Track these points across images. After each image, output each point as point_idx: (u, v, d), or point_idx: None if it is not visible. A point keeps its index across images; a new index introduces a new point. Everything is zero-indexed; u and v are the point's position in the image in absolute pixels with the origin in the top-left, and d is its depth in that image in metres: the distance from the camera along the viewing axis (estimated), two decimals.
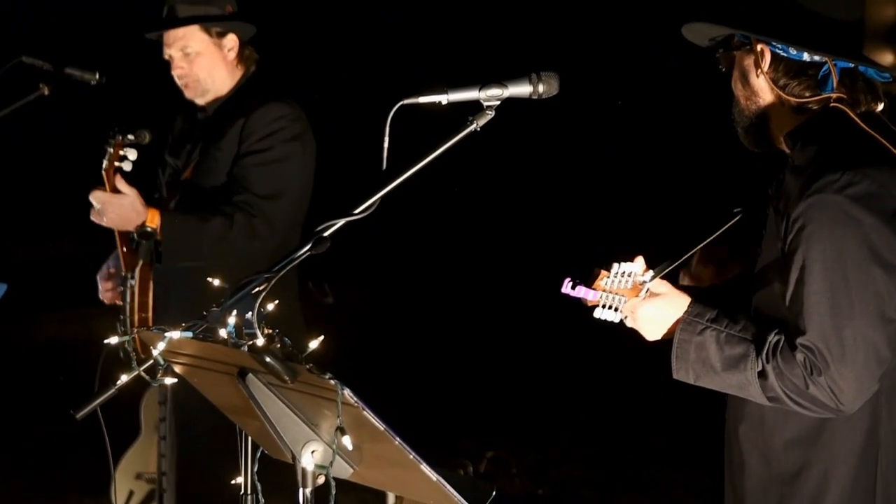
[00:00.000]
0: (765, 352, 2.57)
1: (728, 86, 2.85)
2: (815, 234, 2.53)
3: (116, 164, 4.12)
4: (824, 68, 2.68)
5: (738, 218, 2.89)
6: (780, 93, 2.71)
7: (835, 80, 2.67)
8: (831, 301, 2.51)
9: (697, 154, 10.02)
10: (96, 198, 4.11)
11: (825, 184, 2.54)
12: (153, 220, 4.09)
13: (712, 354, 2.63)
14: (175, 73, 4.30)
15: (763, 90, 2.73)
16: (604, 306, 2.73)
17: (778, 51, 2.69)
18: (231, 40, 4.30)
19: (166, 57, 4.32)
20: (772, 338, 2.58)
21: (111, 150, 4.12)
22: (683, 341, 2.66)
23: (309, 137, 4.35)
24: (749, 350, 2.59)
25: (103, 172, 4.14)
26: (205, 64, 4.27)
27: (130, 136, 4.14)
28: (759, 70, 2.71)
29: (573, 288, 2.74)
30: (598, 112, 10.45)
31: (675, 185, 10.19)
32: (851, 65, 2.69)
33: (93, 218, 4.16)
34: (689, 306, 2.69)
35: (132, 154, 4.14)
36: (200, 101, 4.36)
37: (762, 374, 2.57)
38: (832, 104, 2.68)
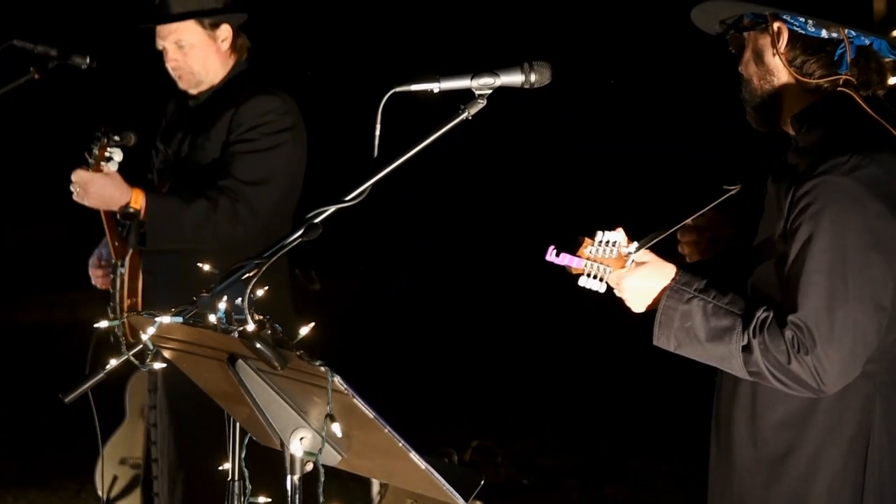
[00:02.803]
0: (752, 326, 2.58)
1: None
2: (819, 214, 2.55)
3: (102, 164, 4.10)
4: (841, 46, 2.69)
5: (727, 196, 2.89)
6: (796, 73, 2.72)
7: (849, 58, 2.68)
8: (827, 282, 2.53)
9: (691, 135, 10.04)
10: (79, 176, 4.09)
11: (833, 165, 2.55)
12: (137, 200, 4.08)
13: (697, 324, 2.63)
14: (169, 65, 4.29)
15: (778, 69, 2.74)
16: (588, 275, 2.71)
17: (795, 28, 2.70)
18: (225, 31, 4.29)
19: (159, 48, 4.30)
20: (760, 313, 2.59)
21: (96, 151, 4.10)
22: (669, 308, 2.67)
23: (300, 130, 4.34)
24: (735, 323, 2.60)
25: (91, 168, 4.12)
26: (199, 56, 4.25)
27: (116, 138, 4.11)
28: (775, 49, 2.72)
29: (557, 255, 2.71)
30: (585, 98, 10.44)
31: (666, 168, 10.21)
32: (867, 42, 2.70)
33: (75, 199, 4.13)
34: (676, 274, 2.69)
35: (118, 155, 4.12)
36: (193, 91, 4.35)
37: (746, 349, 2.58)
38: (839, 88, 2.70)
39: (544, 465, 6.43)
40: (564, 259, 2.72)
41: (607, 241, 2.72)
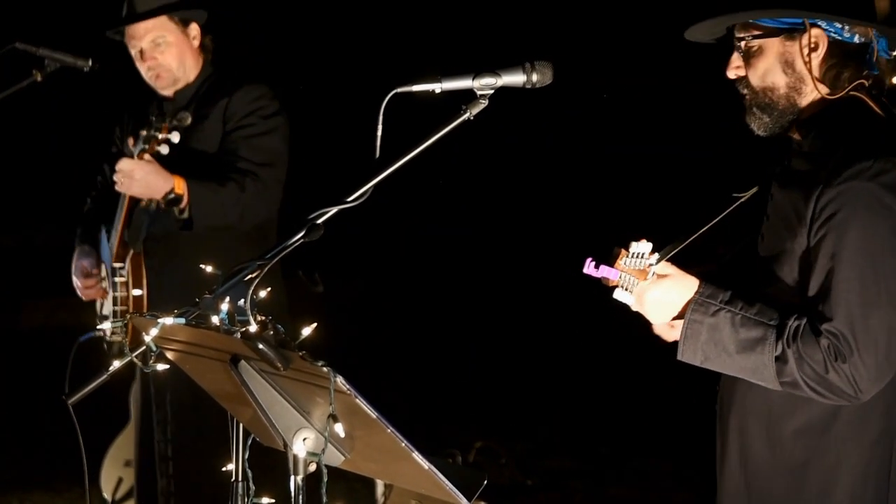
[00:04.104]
0: (785, 336, 2.55)
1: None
2: (847, 221, 2.53)
3: (157, 147, 4.13)
4: (869, 49, 2.66)
5: (739, 202, 2.85)
6: (830, 81, 2.67)
7: (874, 61, 2.67)
8: (861, 289, 2.51)
9: (690, 135, 10.03)
10: (124, 165, 4.14)
11: (857, 171, 2.53)
12: (180, 186, 4.14)
13: (726, 336, 2.60)
14: (146, 64, 4.36)
15: (806, 77, 2.68)
16: (622, 287, 2.67)
17: (833, 35, 2.65)
18: (194, 28, 4.40)
19: (134, 52, 4.37)
20: (792, 322, 2.56)
21: (157, 134, 4.13)
22: (695, 322, 2.63)
23: (285, 115, 4.45)
24: (767, 333, 2.57)
25: (136, 155, 4.16)
26: (175, 53, 4.35)
27: (175, 121, 4.16)
28: (808, 57, 2.65)
29: (596, 267, 2.65)
30: (584, 98, 10.44)
31: (665, 168, 10.20)
32: (886, 44, 2.67)
33: (119, 188, 4.20)
34: (700, 287, 2.65)
35: (175, 137, 4.16)
36: (169, 92, 4.42)
37: (781, 359, 2.55)
38: (852, 92, 2.67)
39: (548, 465, 6.43)
40: (604, 271, 2.66)
41: (638, 253, 2.67)
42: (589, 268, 2.66)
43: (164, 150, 4.15)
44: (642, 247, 2.68)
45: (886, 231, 2.52)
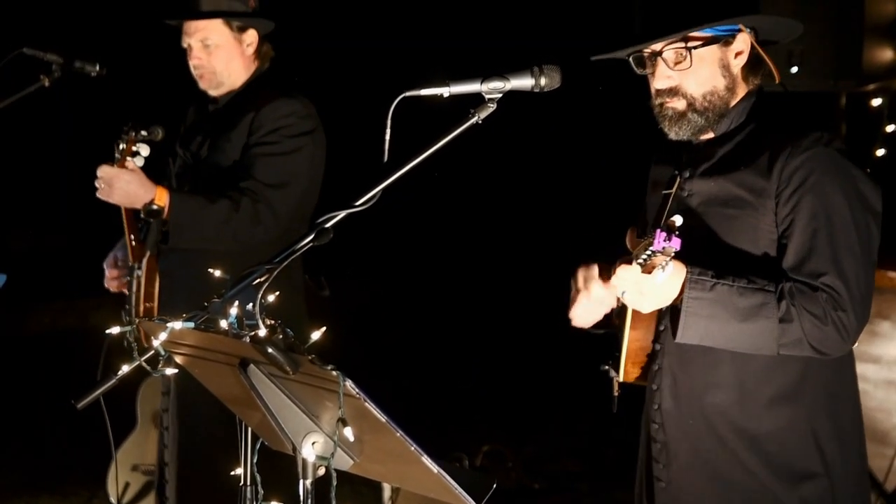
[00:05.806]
0: (786, 297, 2.66)
1: None
2: (819, 183, 2.70)
3: (128, 158, 4.10)
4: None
5: (671, 198, 2.98)
6: (753, 78, 2.91)
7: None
8: (844, 244, 2.69)
9: None
10: (104, 172, 4.07)
11: (815, 140, 2.74)
12: (161, 198, 4.07)
13: (731, 308, 2.67)
14: (192, 62, 4.31)
15: (738, 78, 2.89)
16: (662, 266, 2.56)
17: (749, 35, 2.85)
18: (251, 35, 4.32)
19: (184, 45, 4.32)
20: (784, 284, 2.68)
21: (123, 146, 4.09)
22: (694, 299, 2.68)
23: (319, 134, 4.34)
24: (767, 298, 2.67)
25: (116, 164, 4.11)
26: (223, 57, 4.28)
27: (144, 133, 4.11)
28: (739, 58, 2.86)
29: (668, 239, 2.50)
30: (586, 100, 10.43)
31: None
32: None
33: (99, 195, 4.11)
34: (687, 267, 2.70)
35: (145, 150, 4.10)
36: (214, 93, 4.37)
37: (785, 319, 2.66)
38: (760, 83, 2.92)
39: (555, 469, 6.42)
40: (674, 243, 2.51)
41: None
42: (659, 239, 2.49)
43: (139, 161, 4.09)
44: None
45: (853, 191, 2.71)
